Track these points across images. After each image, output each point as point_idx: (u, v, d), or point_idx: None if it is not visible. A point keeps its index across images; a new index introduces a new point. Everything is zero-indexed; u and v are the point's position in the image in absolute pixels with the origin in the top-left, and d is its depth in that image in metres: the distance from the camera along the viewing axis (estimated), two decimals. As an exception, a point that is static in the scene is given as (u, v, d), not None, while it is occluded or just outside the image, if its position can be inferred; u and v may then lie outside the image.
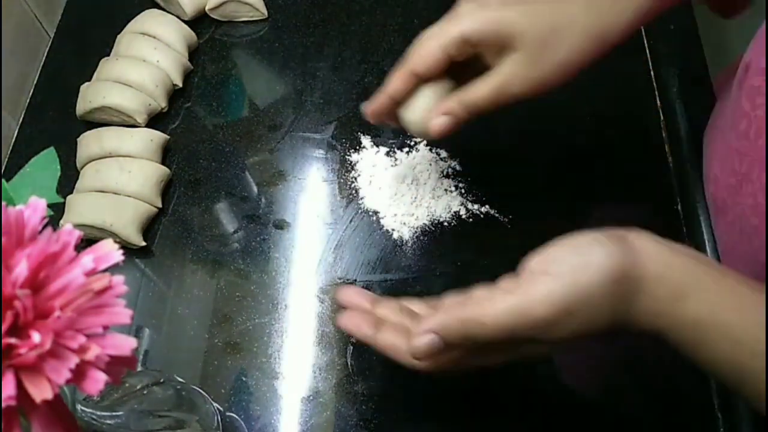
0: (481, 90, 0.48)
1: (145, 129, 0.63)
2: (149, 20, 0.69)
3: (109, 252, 0.29)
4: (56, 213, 0.36)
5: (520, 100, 0.47)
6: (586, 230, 0.40)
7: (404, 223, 0.61)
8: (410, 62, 0.48)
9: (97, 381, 0.27)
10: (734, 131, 0.52)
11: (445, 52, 0.47)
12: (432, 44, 0.47)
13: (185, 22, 0.70)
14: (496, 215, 0.60)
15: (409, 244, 0.60)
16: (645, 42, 0.69)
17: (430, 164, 0.63)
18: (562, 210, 0.61)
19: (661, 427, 0.52)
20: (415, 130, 0.50)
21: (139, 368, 0.54)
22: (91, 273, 0.28)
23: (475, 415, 0.53)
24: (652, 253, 0.39)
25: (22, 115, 0.69)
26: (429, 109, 0.49)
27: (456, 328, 0.41)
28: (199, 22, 0.72)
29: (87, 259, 0.28)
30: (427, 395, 0.53)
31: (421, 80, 0.48)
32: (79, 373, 0.27)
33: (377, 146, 0.65)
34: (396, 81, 0.49)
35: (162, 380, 0.48)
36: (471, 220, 0.60)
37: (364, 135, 0.66)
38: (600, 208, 0.62)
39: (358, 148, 0.65)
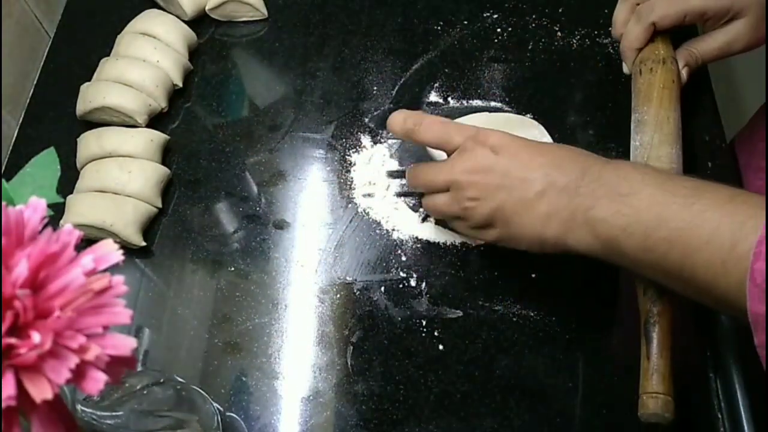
0: (710, 45, 0.60)
1: (145, 129, 0.63)
2: (149, 20, 0.69)
3: (109, 252, 0.29)
4: (56, 213, 0.36)
5: (739, 53, 0.60)
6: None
7: (404, 223, 0.61)
8: (652, 17, 0.60)
9: (97, 381, 0.27)
10: None
11: (681, 18, 0.59)
12: (674, 9, 0.59)
13: (185, 22, 0.70)
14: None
15: (409, 244, 0.60)
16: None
17: (430, 164, 0.63)
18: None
19: (661, 427, 0.52)
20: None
21: (139, 368, 0.54)
22: (91, 273, 0.28)
23: (476, 415, 0.53)
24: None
25: (22, 115, 0.69)
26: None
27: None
28: (199, 22, 0.72)
29: (87, 259, 0.28)
30: (427, 395, 0.53)
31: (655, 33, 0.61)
32: (79, 373, 0.27)
33: (377, 146, 0.65)
34: (638, 31, 0.61)
35: (162, 380, 0.48)
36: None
37: (364, 135, 0.66)
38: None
39: (358, 148, 0.65)
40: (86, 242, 0.49)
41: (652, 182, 0.44)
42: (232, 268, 0.59)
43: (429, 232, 0.60)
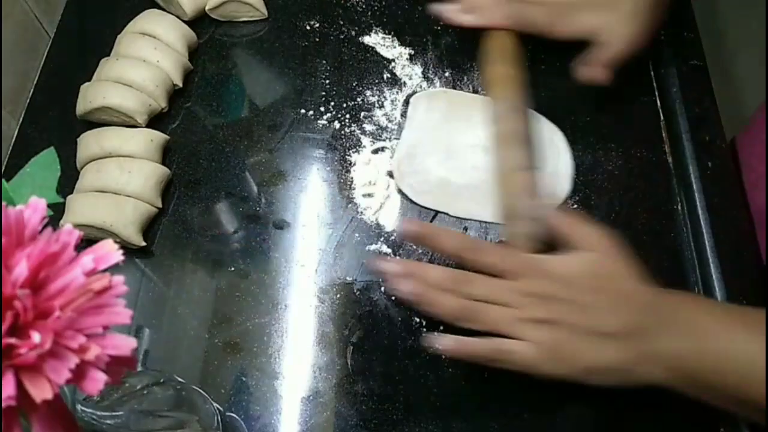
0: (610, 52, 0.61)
1: (145, 129, 0.63)
2: (149, 20, 0.69)
3: (109, 252, 0.29)
4: (56, 213, 0.36)
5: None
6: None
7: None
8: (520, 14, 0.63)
9: (97, 381, 0.27)
10: None
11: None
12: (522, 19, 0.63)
13: (185, 22, 0.70)
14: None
15: (410, 244, 0.60)
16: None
17: (430, 164, 0.63)
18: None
19: (661, 427, 0.52)
20: None
21: (139, 368, 0.54)
22: (91, 273, 0.28)
23: (476, 415, 0.53)
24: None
25: (22, 115, 0.69)
26: None
27: None
28: (199, 22, 0.72)
29: (87, 259, 0.28)
30: (427, 395, 0.53)
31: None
32: (79, 373, 0.27)
33: (377, 146, 0.65)
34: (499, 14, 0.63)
35: (162, 380, 0.48)
36: (470, 219, 0.60)
37: (364, 135, 0.66)
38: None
39: (358, 148, 0.65)
40: (86, 242, 0.49)
41: (709, 315, 0.47)
42: (232, 268, 0.59)
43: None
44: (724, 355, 0.44)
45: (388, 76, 0.69)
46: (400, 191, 0.62)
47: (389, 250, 0.60)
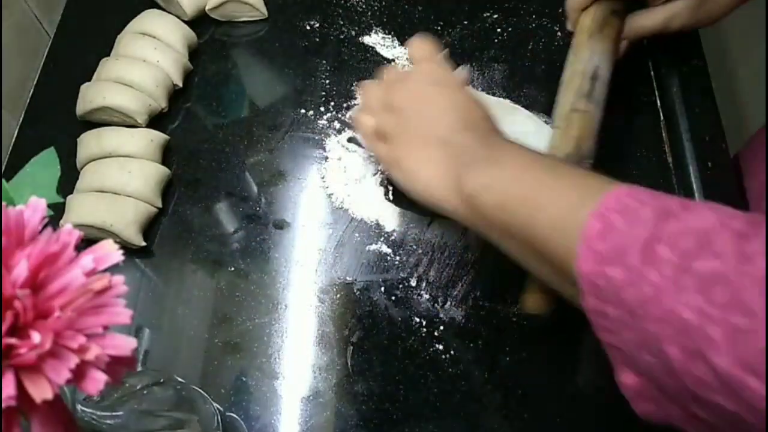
0: (649, 21, 0.61)
1: (145, 129, 0.63)
2: (149, 20, 0.69)
3: (109, 252, 0.29)
4: (56, 213, 0.36)
5: (675, 32, 0.61)
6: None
7: (404, 223, 0.61)
8: None
9: (97, 381, 0.27)
10: None
11: None
12: None
13: (185, 22, 0.70)
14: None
15: (410, 244, 0.60)
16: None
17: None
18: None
19: (661, 427, 0.52)
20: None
21: (139, 368, 0.54)
22: (91, 273, 0.28)
23: (476, 415, 0.53)
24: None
25: (22, 115, 0.69)
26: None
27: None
28: (199, 22, 0.72)
29: (87, 259, 0.28)
30: (427, 395, 0.53)
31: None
32: (79, 373, 0.27)
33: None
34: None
35: (162, 380, 0.48)
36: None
37: (364, 135, 0.66)
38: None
39: (358, 148, 0.65)
40: (86, 242, 0.49)
41: (519, 154, 0.46)
42: (232, 268, 0.59)
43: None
44: (512, 185, 0.44)
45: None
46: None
47: (389, 250, 0.60)
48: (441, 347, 0.55)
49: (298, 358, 0.55)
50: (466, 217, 0.48)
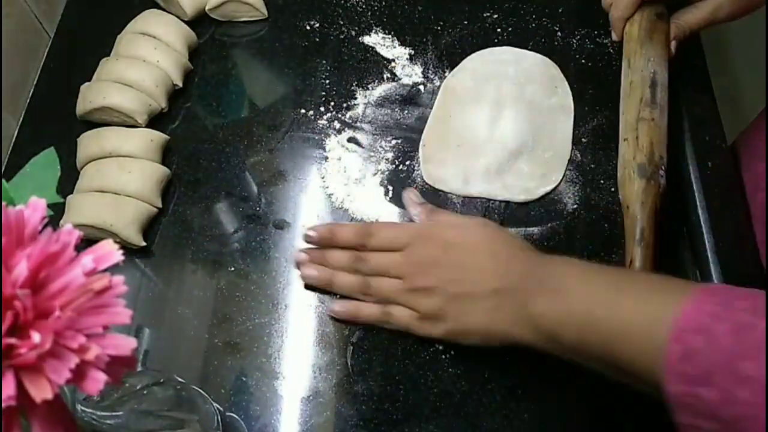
0: (696, 16, 0.62)
1: (145, 129, 0.63)
2: (149, 20, 0.69)
3: (109, 252, 0.29)
4: (56, 213, 0.36)
5: (724, 22, 0.61)
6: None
7: (404, 221, 0.61)
8: None
9: (97, 381, 0.27)
10: None
11: None
12: None
13: (185, 22, 0.70)
14: (495, 215, 0.60)
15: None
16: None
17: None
18: (563, 219, 0.61)
19: (661, 427, 0.52)
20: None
21: (139, 368, 0.54)
22: (91, 273, 0.28)
23: (476, 415, 0.53)
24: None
25: (22, 115, 0.69)
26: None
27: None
28: (199, 22, 0.72)
29: (87, 259, 0.28)
30: (427, 395, 0.53)
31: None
32: (79, 373, 0.27)
33: (376, 145, 0.65)
34: (627, 1, 0.63)
35: (162, 380, 0.48)
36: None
37: (364, 135, 0.66)
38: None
39: (358, 148, 0.65)
40: (86, 242, 0.49)
41: (580, 279, 0.47)
42: (232, 268, 0.59)
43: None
44: (586, 317, 0.45)
45: (388, 76, 0.69)
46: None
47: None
48: (441, 347, 0.55)
49: (298, 358, 0.55)
50: (550, 350, 0.48)
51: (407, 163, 0.64)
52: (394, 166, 0.64)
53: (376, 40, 0.72)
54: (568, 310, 0.46)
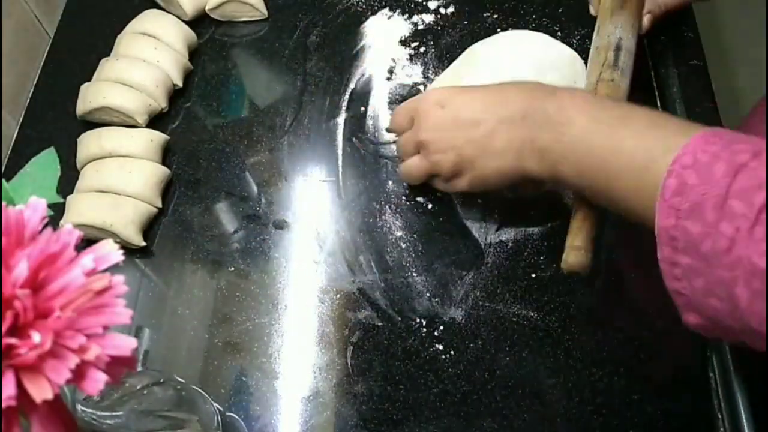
0: None
1: (145, 129, 0.63)
2: (149, 20, 0.69)
3: (109, 252, 0.29)
4: (56, 213, 0.36)
5: (698, 2, 0.64)
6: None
7: (404, 222, 0.61)
8: None
9: (97, 381, 0.27)
10: None
11: None
12: None
13: (185, 22, 0.70)
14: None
15: (409, 244, 0.60)
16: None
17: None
18: (563, 219, 0.61)
19: (661, 427, 0.52)
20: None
21: (139, 368, 0.54)
22: (91, 273, 0.28)
23: (476, 415, 0.53)
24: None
25: (22, 115, 0.69)
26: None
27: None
28: (199, 22, 0.72)
29: (87, 259, 0.28)
30: (427, 395, 0.53)
31: None
32: (79, 373, 0.27)
33: (376, 145, 0.65)
34: None
35: (162, 380, 0.48)
36: (468, 220, 0.61)
37: (364, 135, 0.66)
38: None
39: (358, 147, 0.65)
40: (86, 242, 0.49)
41: (584, 111, 0.47)
42: (232, 268, 0.59)
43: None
44: (586, 150, 0.46)
45: (388, 76, 0.69)
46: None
47: (389, 250, 0.60)
48: (441, 347, 0.55)
49: (298, 358, 0.55)
50: (554, 183, 0.50)
51: (407, 163, 0.64)
52: (394, 165, 0.64)
53: (376, 40, 0.72)
54: (569, 145, 0.46)
